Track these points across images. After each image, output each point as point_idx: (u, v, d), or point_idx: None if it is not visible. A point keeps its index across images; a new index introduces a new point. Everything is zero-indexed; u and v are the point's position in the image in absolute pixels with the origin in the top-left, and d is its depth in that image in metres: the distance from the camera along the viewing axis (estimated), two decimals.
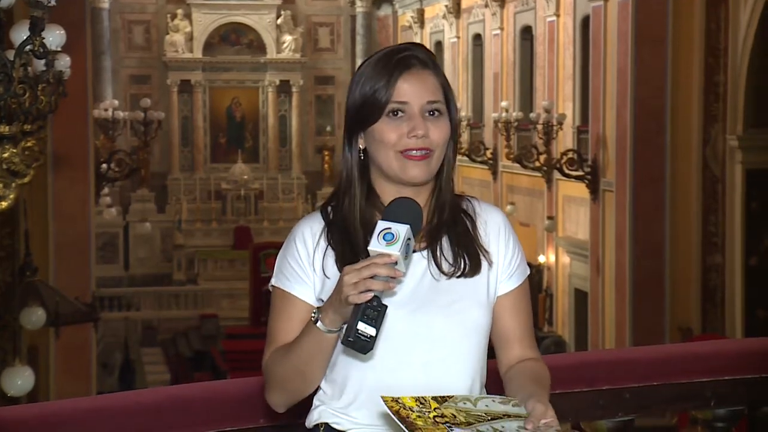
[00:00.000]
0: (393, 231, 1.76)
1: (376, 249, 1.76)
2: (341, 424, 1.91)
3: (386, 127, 1.90)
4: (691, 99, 11.58)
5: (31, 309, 8.25)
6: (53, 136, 9.97)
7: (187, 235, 23.87)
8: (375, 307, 1.74)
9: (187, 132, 25.55)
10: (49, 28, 4.83)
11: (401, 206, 1.81)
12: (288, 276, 1.93)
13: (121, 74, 24.71)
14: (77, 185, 11.74)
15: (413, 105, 1.90)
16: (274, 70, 25.52)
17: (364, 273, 1.74)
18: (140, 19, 25.45)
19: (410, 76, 1.91)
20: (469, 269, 1.92)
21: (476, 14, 19.48)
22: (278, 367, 1.90)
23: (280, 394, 1.93)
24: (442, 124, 1.92)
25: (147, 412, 2.31)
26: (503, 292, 1.96)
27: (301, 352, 1.86)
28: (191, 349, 19.33)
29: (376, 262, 1.75)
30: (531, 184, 16.72)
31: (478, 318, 1.91)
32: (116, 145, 16.01)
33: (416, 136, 1.88)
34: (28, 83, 4.90)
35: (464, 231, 1.95)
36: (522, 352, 1.97)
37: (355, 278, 1.75)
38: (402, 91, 1.90)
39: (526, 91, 17.53)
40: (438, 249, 1.92)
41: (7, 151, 5.20)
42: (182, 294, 21.81)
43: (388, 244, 1.75)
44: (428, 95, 1.91)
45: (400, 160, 1.90)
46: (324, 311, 1.82)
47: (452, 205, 1.96)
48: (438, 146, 1.91)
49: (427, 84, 1.91)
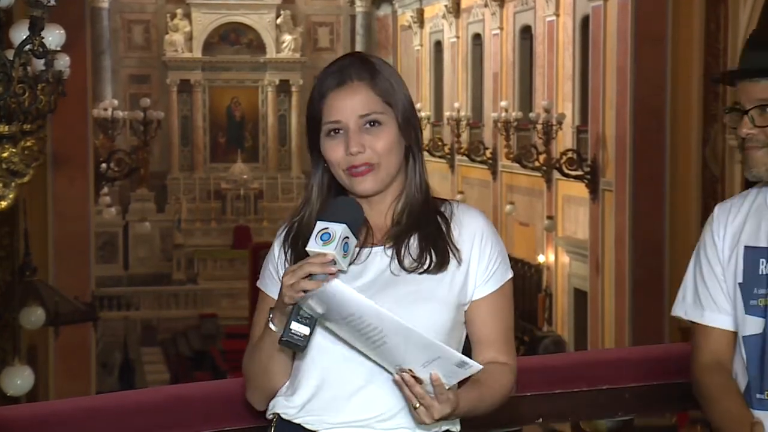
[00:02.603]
0: (330, 231, 1.80)
1: (313, 249, 1.80)
2: (288, 413, 1.94)
3: (328, 147, 1.94)
4: (691, 99, 11.59)
5: (31, 308, 8.26)
6: (53, 136, 9.97)
7: (186, 234, 23.89)
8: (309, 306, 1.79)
9: (186, 131, 25.57)
10: (49, 28, 4.83)
11: (339, 205, 1.85)
12: (266, 278, 2.01)
13: (121, 74, 24.71)
14: (77, 185, 11.75)
15: (346, 122, 1.92)
16: (273, 69, 25.54)
17: (299, 273, 1.79)
18: (140, 18, 25.46)
19: (340, 92, 1.92)
20: (434, 265, 1.91)
21: (476, 14, 19.49)
22: (247, 366, 1.98)
23: (253, 391, 1.99)
24: (384, 133, 1.92)
25: (146, 412, 2.30)
26: (479, 297, 1.96)
27: (262, 352, 1.93)
28: (191, 349, 19.36)
29: (311, 262, 1.79)
30: (530, 183, 16.73)
31: (434, 313, 1.90)
32: (116, 144, 16.02)
33: (352, 153, 1.90)
34: (28, 83, 4.91)
35: (435, 230, 1.94)
36: (493, 356, 1.97)
37: (292, 279, 1.80)
38: (334, 110, 1.92)
39: (525, 91, 17.54)
40: (404, 247, 1.93)
41: (7, 150, 5.20)
42: (182, 293, 21.85)
43: (324, 244, 1.79)
44: (360, 109, 1.91)
45: (349, 178, 1.93)
46: (273, 312, 1.87)
47: (425, 208, 1.96)
48: (382, 156, 1.92)
49: (358, 97, 1.91)
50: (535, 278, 16.59)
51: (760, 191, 2.13)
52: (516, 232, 17.67)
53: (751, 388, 2.07)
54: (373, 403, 1.89)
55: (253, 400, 2.01)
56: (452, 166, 20.19)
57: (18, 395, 7.07)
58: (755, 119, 2.00)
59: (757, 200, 2.13)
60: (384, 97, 1.93)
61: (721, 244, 2.14)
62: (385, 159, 1.92)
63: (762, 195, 2.12)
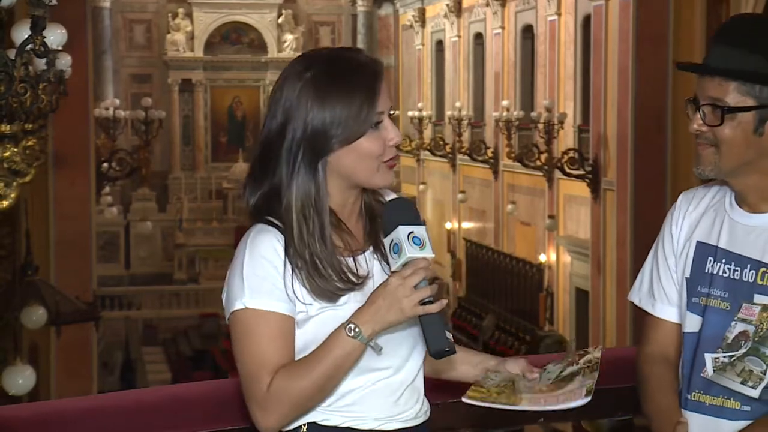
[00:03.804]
0: (416, 233, 1.75)
1: (414, 255, 1.74)
2: (329, 419, 1.86)
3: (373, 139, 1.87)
4: None
5: (32, 308, 8.25)
6: (54, 135, 9.99)
7: (188, 234, 23.92)
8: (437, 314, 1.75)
9: (188, 131, 25.60)
10: (50, 27, 4.83)
11: (401, 207, 1.81)
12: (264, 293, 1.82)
13: (122, 73, 24.73)
14: (78, 184, 11.75)
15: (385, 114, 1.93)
16: (275, 69, 25.50)
17: (413, 281, 1.73)
18: (141, 18, 25.48)
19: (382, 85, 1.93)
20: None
21: (477, 13, 19.51)
22: (298, 385, 1.80)
23: (290, 413, 1.83)
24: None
25: (148, 412, 2.30)
26: None
27: (330, 366, 1.79)
28: (192, 348, 19.38)
29: (422, 268, 1.74)
30: (532, 183, 16.74)
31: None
32: (117, 144, 16.03)
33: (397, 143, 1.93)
34: (29, 82, 4.91)
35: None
36: None
37: (408, 291, 1.73)
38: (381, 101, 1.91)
39: (527, 90, 17.56)
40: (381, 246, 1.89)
41: (8, 150, 5.21)
42: (183, 293, 21.88)
43: (420, 248, 1.74)
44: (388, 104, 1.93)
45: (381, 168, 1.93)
46: (364, 323, 1.77)
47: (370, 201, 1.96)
48: None
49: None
50: (536, 278, 16.60)
51: (721, 188, 2.09)
52: (517, 231, 17.68)
53: (682, 387, 2.06)
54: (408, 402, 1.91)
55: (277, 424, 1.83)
56: (454, 166, 20.21)
57: (20, 395, 7.08)
58: (706, 116, 1.95)
59: (717, 196, 2.09)
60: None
61: (677, 234, 2.11)
62: None
63: (723, 192, 2.08)
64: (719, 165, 1.96)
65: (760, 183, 1.98)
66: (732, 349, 1.97)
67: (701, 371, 2.00)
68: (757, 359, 1.96)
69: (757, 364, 1.96)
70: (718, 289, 2.00)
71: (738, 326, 1.97)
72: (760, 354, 1.96)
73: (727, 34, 1.95)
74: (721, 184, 2.09)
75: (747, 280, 1.97)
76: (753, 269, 1.97)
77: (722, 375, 1.98)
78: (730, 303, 1.98)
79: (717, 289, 2.00)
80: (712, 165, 1.96)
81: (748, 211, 2.01)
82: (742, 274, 1.98)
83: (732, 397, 1.98)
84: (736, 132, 1.93)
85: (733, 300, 1.98)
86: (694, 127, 1.96)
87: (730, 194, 2.06)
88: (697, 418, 2.01)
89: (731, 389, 1.98)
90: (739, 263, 1.99)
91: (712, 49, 1.95)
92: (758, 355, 1.96)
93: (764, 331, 1.95)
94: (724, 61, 1.92)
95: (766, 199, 1.99)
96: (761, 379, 1.95)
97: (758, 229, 1.99)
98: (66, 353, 11.08)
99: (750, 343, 1.96)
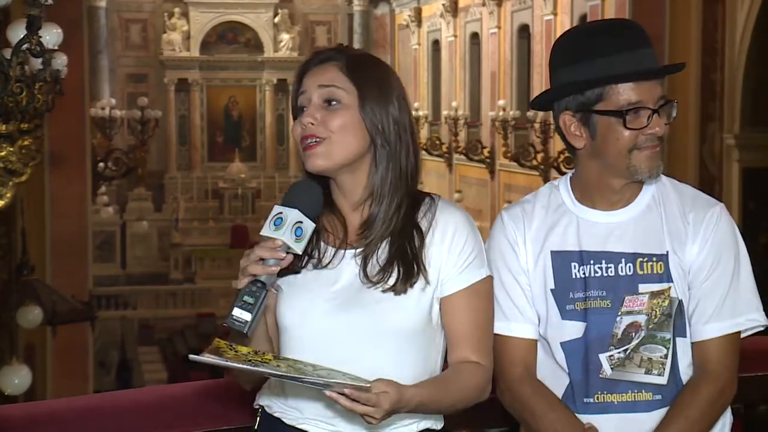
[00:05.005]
0: (282, 215, 1.80)
1: (266, 233, 1.80)
2: (270, 407, 1.96)
3: (294, 126, 1.95)
4: (688, 98, 11.60)
5: (28, 307, 8.27)
6: (50, 135, 9.96)
7: (184, 233, 23.95)
8: (253, 292, 1.78)
9: (184, 131, 25.62)
10: (46, 27, 4.82)
11: (296, 189, 1.87)
12: None
13: (118, 73, 24.75)
14: (74, 184, 11.74)
15: (309, 93, 1.93)
16: (271, 68, 25.59)
17: (251, 257, 1.80)
18: (137, 17, 25.50)
19: (313, 68, 1.95)
20: (399, 284, 1.88)
21: (473, 13, 19.55)
22: None
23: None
24: (341, 112, 1.90)
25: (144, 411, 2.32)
26: (451, 292, 1.92)
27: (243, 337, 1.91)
28: (188, 348, 19.34)
29: (261, 246, 1.80)
30: (528, 182, 16.74)
31: (402, 321, 1.88)
32: (113, 143, 16.02)
33: (303, 125, 1.91)
34: (25, 82, 4.87)
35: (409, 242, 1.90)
36: (464, 355, 1.93)
37: (244, 262, 1.81)
38: (303, 82, 1.94)
39: (523, 90, 17.59)
40: (372, 255, 1.90)
41: (4, 149, 5.18)
42: (179, 293, 21.91)
43: (276, 229, 1.79)
44: (322, 80, 1.92)
45: (303, 155, 1.94)
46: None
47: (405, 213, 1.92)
48: (335, 133, 1.90)
49: (325, 73, 1.92)
50: None
51: (551, 190, 2.10)
52: None
53: (575, 393, 2.04)
54: None
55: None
56: (450, 165, 20.24)
57: (16, 394, 7.09)
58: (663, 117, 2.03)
59: (551, 200, 2.09)
60: (356, 82, 1.92)
61: (522, 251, 2.07)
62: (338, 136, 1.90)
63: (555, 194, 2.09)
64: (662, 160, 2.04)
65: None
66: (623, 343, 1.99)
67: (599, 373, 2.01)
68: (654, 346, 1.99)
69: (656, 350, 1.98)
70: (595, 290, 2.01)
71: (624, 320, 1.99)
72: (658, 340, 1.98)
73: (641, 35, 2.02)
74: (550, 188, 2.11)
75: (625, 273, 2.00)
76: (629, 262, 2.00)
77: (623, 371, 1.99)
78: (611, 300, 2.00)
79: (594, 290, 2.01)
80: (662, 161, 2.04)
81: (601, 209, 2.04)
82: (617, 269, 2.00)
83: (642, 390, 1.99)
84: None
85: (614, 296, 2.00)
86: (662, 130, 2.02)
87: (564, 196, 2.08)
88: (608, 419, 2.00)
89: (638, 382, 1.99)
90: (611, 260, 2.01)
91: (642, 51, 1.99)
92: (656, 342, 1.98)
93: (659, 317, 1.98)
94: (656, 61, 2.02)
95: (617, 193, 2.04)
96: (663, 365, 1.98)
97: (621, 225, 2.03)
98: (62, 353, 11.08)
99: (643, 332, 1.98)
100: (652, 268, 2.00)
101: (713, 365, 1.98)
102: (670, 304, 1.99)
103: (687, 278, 2.00)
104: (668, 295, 1.99)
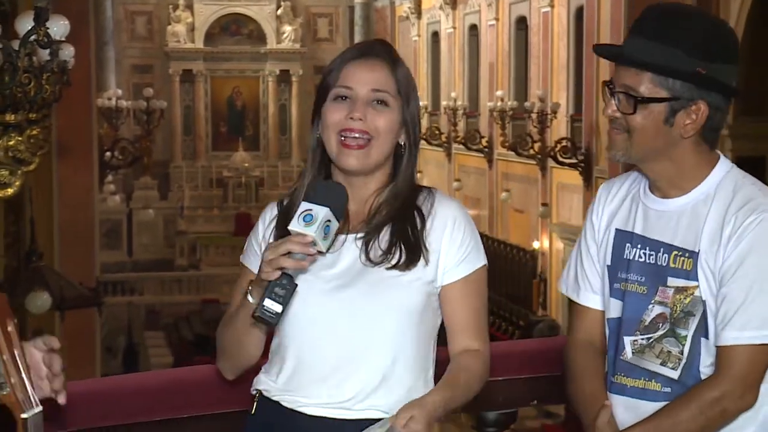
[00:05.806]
0: (313, 212, 1.80)
1: (295, 229, 1.80)
2: (269, 391, 1.97)
3: (330, 109, 1.93)
4: None
5: (37, 293, 8.40)
6: (57, 125, 9.95)
7: (189, 221, 24.01)
8: (284, 285, 1.80)
9: (188, 121, 25.66)
10: (53, 19, 4.93)
11: (325, 188, 1.86)
12: (249, 253, 2.03)
13: (124, 64, 24.76)
14: (81, 173, 11.73)
15: (357, 91, 1.92)
16: (274, 60, 25.64)
17: (279, 249, 1.79)
18: (143, 9, 25.54)
19: (361, 63, 1.94)
20: (402, 262, 1.91)
21: (472, 5, 19.55)
22: (221, 335, 1.99)
23: (224, 361, 2.01)
24: (389, 114, 1.93)
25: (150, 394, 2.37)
26: (449, 281, 1.95)
27: (238, 323, 1.94)
28: (193, 333, 19.37)
29: (292, 240, 1.79)
30: (525, 171, 16.84)
31: (403, 298, 1.91)
32: (119, 133, 16.08)
33: (352, 118, 1.90)
34: (33, 73, 4.99)
35: (409, 225, 1.93)
36: (466, 344, 1.97)
37: (272, 255, 1.80)
38: (350, 77, 1.93)
39: (520, 81, 17.62)
40: (375, 239, 1.93)
41: (13, 139, 5.25)
42: (184, 279, 21.99)
43: (306, 225, 1.79)
44: (375, 83, 1.93)
45: (338, 147, 1.92)
46: (252, 286, 1.88)
47: (406, 200, 1.96)
48: (380, 134, 1.92)
49: (377, 73, 1.93)
50: (530, 264, 16.74)
51: (638, 176, 2.10)
52: (511, 218, 17.81)
53: (608, 370, 2.08)
54: (346, 385, 1.90)
55: (223, 368, 2.02)
56: (449, 155, 20.29)
57: None
58: (621, 103, 1.96)
59: (635, 184, 2.10)
60: (399, 85, 1.95)
61: (598, 223, 2.12)
62: (382, 138, 1.92)
63: (639, 182, 2.09)
64: (630, 151, 1.97)
65: (669, 170, 2.00)
66: (649, 331, 2.00)
67: (622, 354, 2.03)
68: (674, 340, 1.98)
69: (675, 345, 1.98)
70: (635, 274, 2.02)
71: (655, 309, 1.99)
72: (677, 335, 1.98)
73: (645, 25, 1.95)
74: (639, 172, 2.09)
75: (661, 264, 1.99)
76: (666, 253, 1.99)
77: (641, 357, 2.01)
78: (647, 287, 2.00)
79: (634, 274, 2.02)
80: (623, 150, 1.97)
81: (659, 197, 2.03)
82: (656, 258, 2.00)
83: (654, 379, 2.00)
84: (647, 121, 1.94)
85: (650, 284, 2.00)
86: (608, 112, 1.98)
87: (645, 181, 2.07)
88: (621, 400, 2.04)
89: (652, 371, 2.00)
90: (654, 248, 2.00)
91: (630, 39, 1.96)
92: (675, 336, 1.98)
93: (678, 313, 1.97)
94: (640, 52, 1.93)
95: (674, 185, 2.00)
96: (679, 360, 1.98)
97: (668, 214, 2.00)
98: (70, 338, 11.10)
99: (668, 324, 1.98)
100: (682, 263, 1.97)
101: (722, 371, 1.93)
102: (691, 303, 1.97)
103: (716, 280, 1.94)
104: (692, 293, 1.96)
